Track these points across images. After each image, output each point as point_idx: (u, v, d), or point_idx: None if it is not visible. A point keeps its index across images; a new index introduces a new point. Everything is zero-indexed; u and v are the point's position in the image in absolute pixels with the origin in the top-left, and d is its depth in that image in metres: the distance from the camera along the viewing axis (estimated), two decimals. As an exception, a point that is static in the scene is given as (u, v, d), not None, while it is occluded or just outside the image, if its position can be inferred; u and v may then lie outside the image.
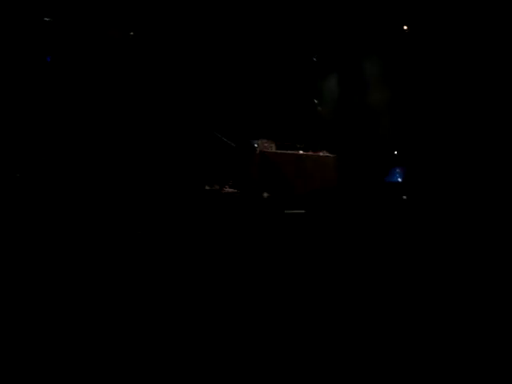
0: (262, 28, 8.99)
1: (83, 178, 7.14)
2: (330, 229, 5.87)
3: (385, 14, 9.23)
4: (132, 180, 7.38)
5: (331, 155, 8.60)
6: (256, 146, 8.10)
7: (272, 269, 4.45)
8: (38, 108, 7.57)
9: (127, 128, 8.11)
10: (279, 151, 8.31)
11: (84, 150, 7.64)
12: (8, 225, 5.10)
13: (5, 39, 7.44)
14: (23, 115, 7.42)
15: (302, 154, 8.40)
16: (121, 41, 8.23)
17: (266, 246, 5.33)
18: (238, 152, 8.15)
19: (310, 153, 8.53)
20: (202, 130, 8.34)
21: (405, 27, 9.40)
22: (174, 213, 6.51)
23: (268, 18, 8.86)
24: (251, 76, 9.09)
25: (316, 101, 8.93)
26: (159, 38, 8.46)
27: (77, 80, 7.91)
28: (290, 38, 9.20)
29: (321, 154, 8.61)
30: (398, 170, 8.75)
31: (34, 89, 7.63)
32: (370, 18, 9.26)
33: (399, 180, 8.64)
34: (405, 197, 7.03)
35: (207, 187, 7.67)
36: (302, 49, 9.30)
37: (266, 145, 8.20)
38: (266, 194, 7.50)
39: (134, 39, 8.36)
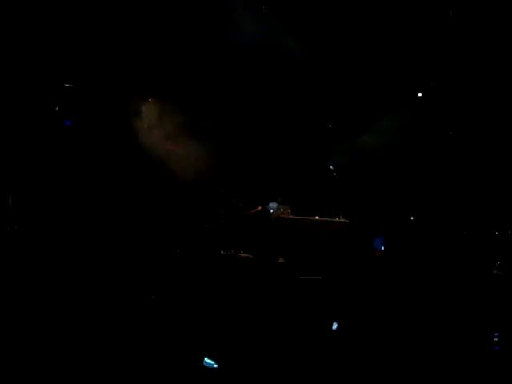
0: (281, 97, 9.17)
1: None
2: (346, 296, 5.79)
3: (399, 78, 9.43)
4: (151, 244, 7.41)
5: (346, 221, 8.52)
6: (272, 211, 8.08)
7: (285, 332, 4.38)
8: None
9: (145, 190, 8.20)
10: (295, 216, 8.28)
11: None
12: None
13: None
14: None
15: (317, 220, 8.35)
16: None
17: (281, 311, 5.26)
18: (254, 217, 8.13)
19: (325, 218, 8.48)
20: (218, 195, 8.37)
21: (419, 94, 9.54)
22: (189, 277, 6.49)
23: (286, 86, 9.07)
24: (269, 141, 9.18)
25: (331, 166, 8.94)
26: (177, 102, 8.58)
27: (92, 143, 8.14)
28: (306, 105, 9.36)
29: (336, 219, 8.55)
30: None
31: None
32: (384, 82, 9.45)
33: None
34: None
35: (222, 252, 7.63)
36: (318, 116, 9.44)
37: (281, 210, 8.18)
38: (281, 260, 7.43)
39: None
